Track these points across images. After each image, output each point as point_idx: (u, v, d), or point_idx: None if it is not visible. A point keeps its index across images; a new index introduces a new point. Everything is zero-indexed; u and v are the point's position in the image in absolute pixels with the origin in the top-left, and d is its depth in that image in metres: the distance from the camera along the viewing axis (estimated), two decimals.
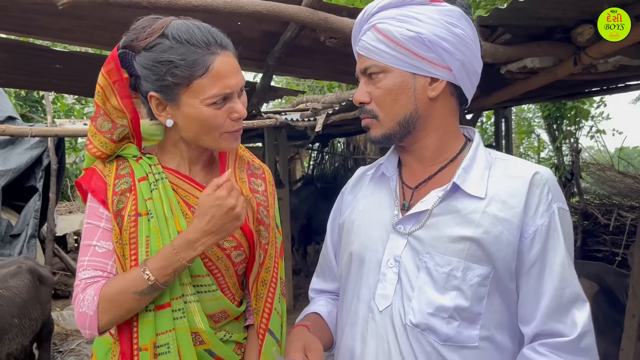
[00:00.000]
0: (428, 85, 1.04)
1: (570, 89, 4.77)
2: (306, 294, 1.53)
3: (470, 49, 1.04)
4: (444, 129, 1.09)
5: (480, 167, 1.05)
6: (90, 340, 5.35)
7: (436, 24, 1.01)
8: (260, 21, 2.14)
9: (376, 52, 1.04)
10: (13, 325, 2.92)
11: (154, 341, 1.13)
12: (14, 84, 3.87)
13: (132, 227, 1.17)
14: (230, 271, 1.23)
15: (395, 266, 1.05)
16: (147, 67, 1.13)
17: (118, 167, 1.23)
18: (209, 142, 1.17)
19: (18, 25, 2.16)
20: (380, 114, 1.07)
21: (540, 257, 0.99)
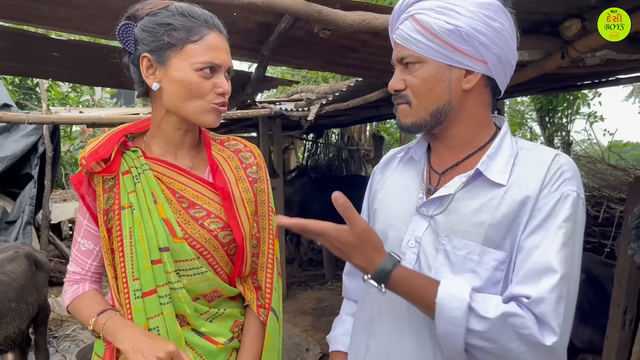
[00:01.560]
0: (463, 78, 1.07)
1: (562, 82, 4.84)
2: (299, 283, 1.59)
3: (507, 42, 1.06)
4: (476, 119, 1.11)
5: (504, 155, 1.07)
6: (84, 326, 5.41)
7: (474, 17, 1.02)
8: (256, 12, 2.19)
9: (414, 43, 1.06)
10: (10, 309, 2.98)
11: (146, 325, 1.20)
12: (11, 71, 3.90)
13: (117, 220, 1.24)
14: (220, 251, 1.28)
15: (415, 247, 1.09)
16: (147, 29, 1.21)
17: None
18: (191, 112, 1.22)
19: (18, 14, 2.19)
20: (414, 102, 1.09)
21: (533, 233, 0.99)
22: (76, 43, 2.80)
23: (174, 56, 1.19)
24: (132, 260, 1.22)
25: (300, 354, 4.44)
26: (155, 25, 1.20)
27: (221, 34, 1.24)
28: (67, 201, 9.42)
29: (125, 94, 16.22)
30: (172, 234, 1.22)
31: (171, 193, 1.26)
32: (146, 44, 1.21)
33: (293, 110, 4.28)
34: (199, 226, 1.25)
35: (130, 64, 1.27)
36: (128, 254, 1.22)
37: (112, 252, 1.27)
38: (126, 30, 1.23)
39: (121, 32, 1.23)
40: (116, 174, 1.27)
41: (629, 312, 3.92)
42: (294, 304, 5.99)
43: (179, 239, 1.22)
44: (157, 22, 1.20)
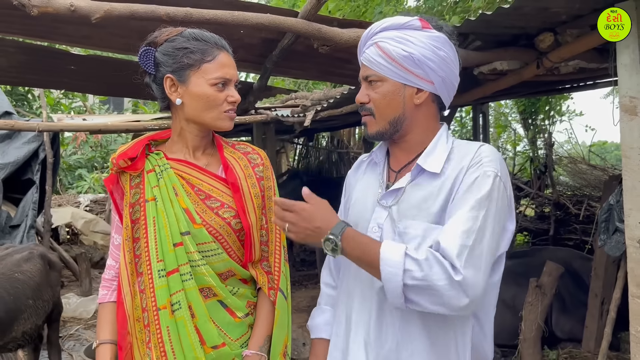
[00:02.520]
0: (415, 94, 1.33)
1: (543, 87, 5.12)
2: (292, 282, 1.76)
3: (450, 67, 1.33)
4: (425, 127, 1.38)
5: (440, 151, 1.33)
6: (87, 326, 5.59)
7: (425, 47, 1.28)
8: (261, 30, 2.41)
9: (377, 65, 1.32)
10: (28, 306, 3.16)
11: (169, 300, 1.42)
12: (27, 82, 4.09)
13: (142, 211, 1.48)
14: (232, 236, 1.49)
15: (378, 231, 1.35)
16: (167, 53, 1.45)
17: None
18: (209, 120, 1.46)
19: (45, 32, 2.40)
20: (376, 113, 1.36)
21: (453, 201, 1.25)
22: (90, 57, 3.00)
23: (192, 75, 1.43)
24: (157, 245, 1.44)
25: (297, 348, 4.66)
26: (174, 50, 1.44)
27: (228, 52, 1.49)
28: (63, 206, 9.56)
29: (114, 100, 16.38)
30: (192, 220, 1.45)
31: (190, 187, 1.49)
32: (168, 66, 1.45)
33: (289, 117, 4.50)
34: (215, 215, 1.47)
35: (153, 84, 1.51)
36: (152, 240, 1.45)
37: (134, 240, 1.49)
38: (147, 55, 1.47)
39: (142, 56, 1.47)
40: (141, 172, 1.52)
41: (606, 302, 4.17)
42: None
43: (198, 225, 1.45)
44: (176, 47, 1.44)
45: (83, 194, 11.20)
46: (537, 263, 4.25)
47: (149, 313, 1.44)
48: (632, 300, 2.45)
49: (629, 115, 2.40)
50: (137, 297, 1.47)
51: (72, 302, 5.88)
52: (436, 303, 1.18)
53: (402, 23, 1.31)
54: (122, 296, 1.50)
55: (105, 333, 1.54)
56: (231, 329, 1.50)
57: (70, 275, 7.21)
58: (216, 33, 1.51)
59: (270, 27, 2.16)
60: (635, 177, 2.40)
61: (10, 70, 3.09)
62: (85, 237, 8.48)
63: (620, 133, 2.45)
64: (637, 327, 2.44)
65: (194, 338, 1.41)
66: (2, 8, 1.95)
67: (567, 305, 4.68)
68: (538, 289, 4.14)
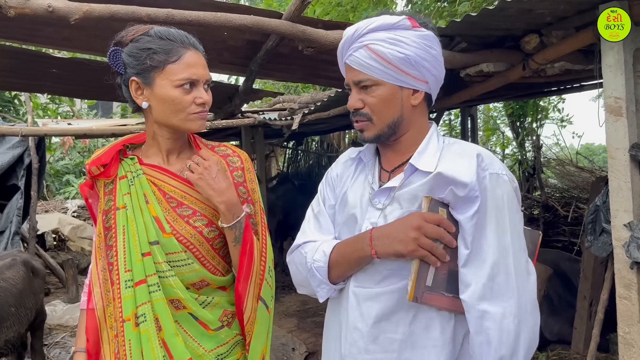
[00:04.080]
0: (411, 95, 1.30)
1: (530, 89, 5.14)
2: (282, 287, 1.74)
3: (441, 64, 1.31)
4: (418, 126, 1.35)
5: (432, 150, 1.31)
6: (73, 334, 5.51)
7: (419, 47, 1.24)
8: (245, 32, 2.38)
9: (370, 68, 1.27)
10: (10, 314, 3.11)
11: (135, 312, 1.36)
12: (11, 87, 4.04)
13: (113, 219, 1.43)
14: (205, 245, 1.42)
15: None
16: (132, 54, 1.37)
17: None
18: (177, 122, 1.38)
19: (24, 35, 2.36)
20: (374, 118, 1.31)
21: (481, 205, 1.23)
22: (73, 60, 2.97)
23: (157, 76, 1.36)
24: (125, 254, 1.39)
25: (287, 353, 4.61)
26: (138, 51, 1.37)
27: (197, 50, 1.41)
28: (50, 212, 9.46)
29: (102, 105, 16.27)
30: (162, 229, 1.39)
31: (162, 194, 1.43)
32: (132, 68, 1.38)
33: (277, 120, 4.48)
34: (185, 223, 1.41)
35: (122, 85, 1.44)
36: (121, 249, 1.40)
37: (107, 247, 1.44)
38: (115, 55, 1.40)
39: (111, 57, 1.41)
40: (114, 179, 1.46)
41: (594, 303, 4.17)
42: (279, 306, 6.16)
43: (168, 234, 1.39)
44: (140, 48, 1.37)
45: (71, 199, 11.08)
46: None
47: (117, 323, 1.39)
48: (619, 301, 2.44)
49: (614, 116, 2.40)
50: (110, 305, 1.42)
51: (59, 310, 5.80)
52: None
53: (392, 23, 1.26)
54: (92, 303, 1.45)
55: (81, 341, 1.49)
56: (205, 340, 1.43)
57: (57, 282, 7.12)
58: (199, 35, 1.45)
59: (253, 28, 2.13)
60: (621, 177, 2.40)
61: None
62: (73, 243, 8.39)
63: (606, 134, 2.46)
64: (624, 328, 2.43)
65: (157, 353, 1.35)
66: None
67: (555, 307, 4.68)
68: None
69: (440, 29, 2.73)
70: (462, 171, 1.24)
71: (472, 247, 1.23)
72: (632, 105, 2.38)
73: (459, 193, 1.23)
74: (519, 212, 1.28)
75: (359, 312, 1.31)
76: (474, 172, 1.24)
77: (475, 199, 1.23)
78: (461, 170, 1.24)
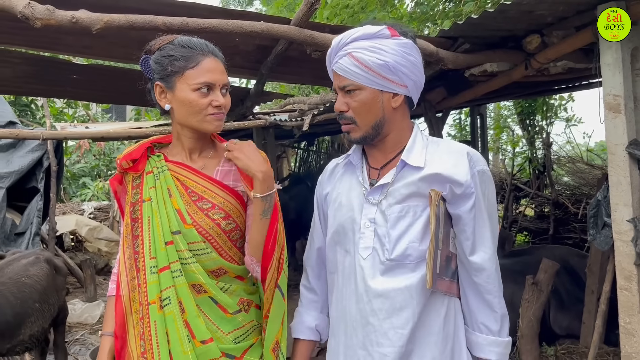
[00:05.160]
0: (392, 99, 1.42)
1: (538, 87, 5.20)
2: (295, 285, 1.79)
3: (419, 70, 1.43)
4: (401, 127, 1.47)
5: (419, 147, 1.44)
6: (92, 331, 5.67)
7: (397, 54, 1.36)
8: (255, 37, 2.49)
9: (353, 74, 1.39)
10: (34, 310, 3.25)
11: (159, 296, 1.49)
12: (33, 92, 4.19)
13: (139, 211, 1.56)
14: (223, 237, 1.54)
15: (371, 226, 1.43)
16: (157, 61, 1.53)
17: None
18: (195, 123, 1.51)
19: (47, 43, 2.49)
20: (358, 120, 1.42)
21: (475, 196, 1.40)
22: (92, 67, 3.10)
23: (177, 81, 1.50)
24: (150, 243, 1.52)
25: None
26: (162, 58, 1.52)
27: (216, 57, 1.54)
28: (67, 214, 9.66)
29: (116, 108, 16.53)
30: (183, 221, 1.52)
31: (184, 188, 1.56)
32: (157, 73, 1.53)
33: (287, 121, 4.59)
34: (205, 216, 1.53)
35: (152, 89, 1.59)
36: (146, 238, 1.53)
37: (133, 237, 1.57)
38: (145, 62, 1.57)
39: (142, 64, 1.57)
40: (141, 174, 1.60)
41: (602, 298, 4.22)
42: (290, 304, 6.16)
43: (189, 225, 1.51)
44: (164, 55, 1.52)
45: (87, 201, 11.31)
46: (535, 261, 4.30)
47: (142, 307, 1.51)
48: (620, 292, 2.51)
49: (613, 112, 2.48)
50: (135, 291, 1.54)
51: (78, 308, 5.96)
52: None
53: (373, 33, 1.38)
54: (120, 289, 1.58)
55: (108, 325, 1.62)
56: (223, 324, 1.55)
57: (75, 282, 7.29)
58: (212, 41, 1.58)
59: (263, 34, 2.24)
60: (620, 172, 2.47)
61: (15, 81, 3.19)
62: (90, 244, 8.57)
63: (605, 130, 2.53)
64: (625, 318, 2.51)
65: (182, 332, 1.47)
66: (6, 20, 2.04)
67: (564, 302, 4.73)
68: (534, 286, 4.20)
69: (443, 31, 2.82)
70: (458, 171, 1.38)
71: (474, 237, 1.40)
72: (631, 102, 2.45)
73: (457, 191, 1.38)
74: (494, 195, 1.47)
75: (369, 307, 1.41)
76: (467, 170, 1.38)
77: (471, 195, 1.38)
78: (457, 169, 1.38)
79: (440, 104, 3.88)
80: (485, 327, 1.42)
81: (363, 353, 1.41)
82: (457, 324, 1.44)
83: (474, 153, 1.43)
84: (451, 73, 3.38)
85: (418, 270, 1.38)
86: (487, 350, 1.41)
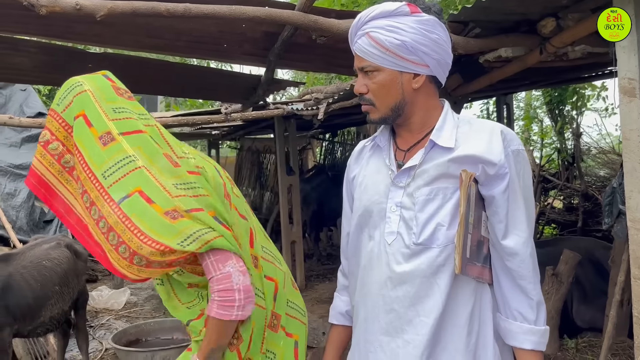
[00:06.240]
0: (412, 79, 1.34)
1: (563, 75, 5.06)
2: (317, 275, 1.83)
3: (443, 48, 1.35)
4: (426, 107, 1.40)
5: (449, 127, 1.36)
6: (117, 317, 5.83)
7: (416, 33, 1.28)
8: (261, 24, 2.49)
9: (370, 55, 1.33)
10: (55, 292, 3.36)
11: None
12: (51, 82, 4.30)
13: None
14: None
15: (397, 210, 1.37)
16: None
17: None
18: None
19: (59, 32, 2.56)
20: (376, 102, 1.37)
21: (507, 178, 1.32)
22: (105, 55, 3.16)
23: None
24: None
25: (317, 337, 4.77)
26: None
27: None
28: None
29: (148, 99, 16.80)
30: None
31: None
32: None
33: (303, 110, 4.60)
34: None
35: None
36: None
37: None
38: None
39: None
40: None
41: (626, 290, 4.10)
42: (312, 293, 6.32)
43: None
44: None
45: None
46: (558, 253, 4.21)
47: None
48: (634, 282, 2.44)
49: (628, 97, 2.40)
50: None
51: (104, 295, 6.14)
52: None
53: (391, 10, 1.31)
54: None
55: None
56: None
57: (103, 269, 7.50)
58: (220, 28, 1.56)
59: (267, 20, 2.24)
60: (635, 158, 2.39)
61: (34, 70, 3.28)
62: None
63: (620, 115, 2.45)
64: (639, 308, 2.43)
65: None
66: (17, 9, 2.10)
67: (587, 294, 4.62)
68: (554, 277, 4.12)
69: (452, 16, 2.77)
70: (491, 150, 1.31)
71: (507, 219, 1.32)
72: None
73: (490, 171, 1.30)
74: (531, 176, 1.39)
75: (394, 294, 1.36)
76: (501, 150, 1.31)
77: (504, 175, 1.31)
78: (490, 149, 1.31)
79: (456, 91, 3.82)
80: (519, 314, 1.34)
81: (386, 339, 1.37)
82: (484, 317, 1.37)
83: (509, 132, 1.35)
84: (465, 59, 3.33)
85: (444, 255, 1.32)
86: (522, 338, 1.33)
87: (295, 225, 6.76)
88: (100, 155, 1.41)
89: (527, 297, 1.33)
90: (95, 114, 1.45)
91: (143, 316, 5.80)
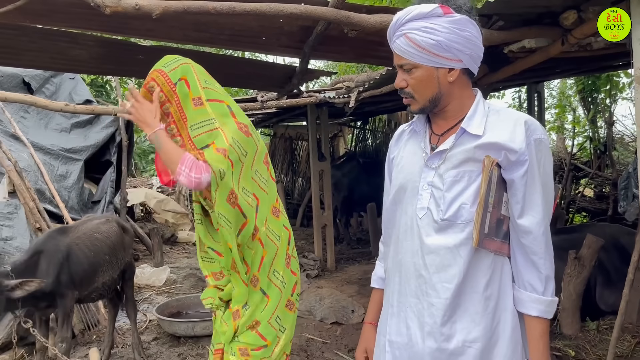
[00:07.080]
0: (447, 73, 1.47)
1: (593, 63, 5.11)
2: (347, 258, 2.02)
3: (475, 43, 1.45)
4: (461, 97, 1.53)
5: (479, 115, 1.51)
6: (158, 292, 6.21)
7: (450, 32, 1.40)
8: (297, 19, 2.71)
9: (408, 54, 1.46)
10: (105, 261, 3.69)
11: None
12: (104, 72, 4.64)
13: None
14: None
15: (428, 189, 1.56)
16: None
17: None
18: None
19: (117, 27, 2.84)
20: (415, 95, 1.54)
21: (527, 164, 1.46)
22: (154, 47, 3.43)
23: None
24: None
25: (346, 315, 5.02)
26: None
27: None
28: (137, 187, 10.38)
29: None
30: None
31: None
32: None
33: (335, 98, 4.81)
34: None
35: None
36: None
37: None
38: None
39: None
40: None
41: None
42: (341, 275, 6.57)
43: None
44: None
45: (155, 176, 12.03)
46: (584, 239, 4.31)
47: None
48: None
49: None
50: None
51: (146, 272, 6.52)
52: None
53: (425, 12, 1.41)
54: None
55: None
56: None
57: (145, 249, 7.90)
58: (260, 22, 1.78)
59: (302, 16, 2.46)
60: None
61: (90, 62, 3.58)
62: (157, 215, 9.20)
63: (635, 104, 2.58)
64: None
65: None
66: (82, 8, 2.36)
67: (611, 279, 4.71)
68: (577, 261, 4.25)
69: (476, 9, 2.93)
70: (514, 139, 1.46)
71: (524, 201, 1.47)
72: None
73: (511, 158, 1.47)
74: (551, 164, 1.54)
75: (422, 262, 1.55)
76: (523, 139, 1.47)
77: (524, 162, 1.47)
78: (513, 138, 1.46)
79: (482, 80, 3.97)
80: (530, 285, 1.50)
81: (415, 301, 1.57)
82: (503, 284, 1.53)
83: (532, 122, 1.48)
84: (490, 49, 3.48)
85: (467, 230, 1.47)
86: (529, 306, 1.50)
87: (327, 210, 6.99)
88: (191, 113, 2.01)
89: (538, 270, 1.49)
90: (193, 81, 2.04)
91: (182, 292, 6.15)
